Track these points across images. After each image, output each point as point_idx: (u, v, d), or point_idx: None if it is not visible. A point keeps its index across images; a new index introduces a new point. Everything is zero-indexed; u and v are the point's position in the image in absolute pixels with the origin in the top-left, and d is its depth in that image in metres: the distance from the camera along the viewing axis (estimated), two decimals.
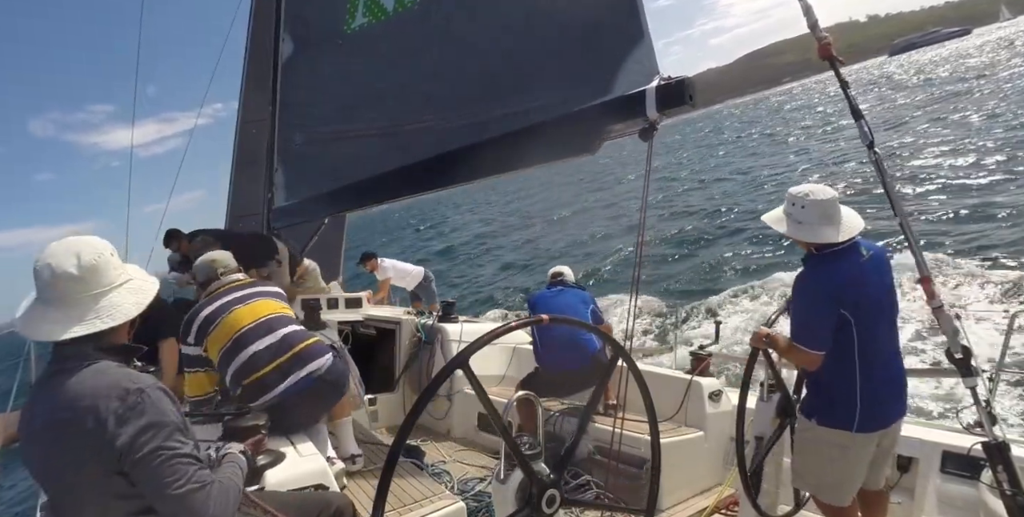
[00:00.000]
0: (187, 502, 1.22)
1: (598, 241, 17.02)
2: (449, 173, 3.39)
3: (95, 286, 1.37)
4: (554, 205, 23.56)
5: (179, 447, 1.26)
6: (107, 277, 1.39)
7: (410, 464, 3.13)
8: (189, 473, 1.24)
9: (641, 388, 1.90)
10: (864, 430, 2.20)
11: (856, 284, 2.19)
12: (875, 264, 2.26)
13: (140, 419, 1.23)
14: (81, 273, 1.34)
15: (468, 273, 17.91)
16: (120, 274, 1.43)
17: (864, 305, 2.18)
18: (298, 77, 4.87)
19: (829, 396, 2.29)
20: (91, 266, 1.36)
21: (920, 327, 7.71)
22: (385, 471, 1.37)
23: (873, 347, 2.20)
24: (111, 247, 1.44)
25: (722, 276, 12.02)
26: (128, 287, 1.42)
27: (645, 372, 2.01)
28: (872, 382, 2.19)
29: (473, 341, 1.52)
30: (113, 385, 1.26)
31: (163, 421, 1.26)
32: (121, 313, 1.37)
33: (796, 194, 2.28)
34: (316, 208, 4.69)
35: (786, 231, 2.30)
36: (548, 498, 1.65)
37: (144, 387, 1.28)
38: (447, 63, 3.47)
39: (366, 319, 5.02)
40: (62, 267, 1.34)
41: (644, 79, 2.42)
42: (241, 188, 7.00)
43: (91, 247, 1.39)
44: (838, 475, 2.29)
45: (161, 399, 1.29)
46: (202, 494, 1.24)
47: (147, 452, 1.21)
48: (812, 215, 2.23)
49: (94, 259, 1.37)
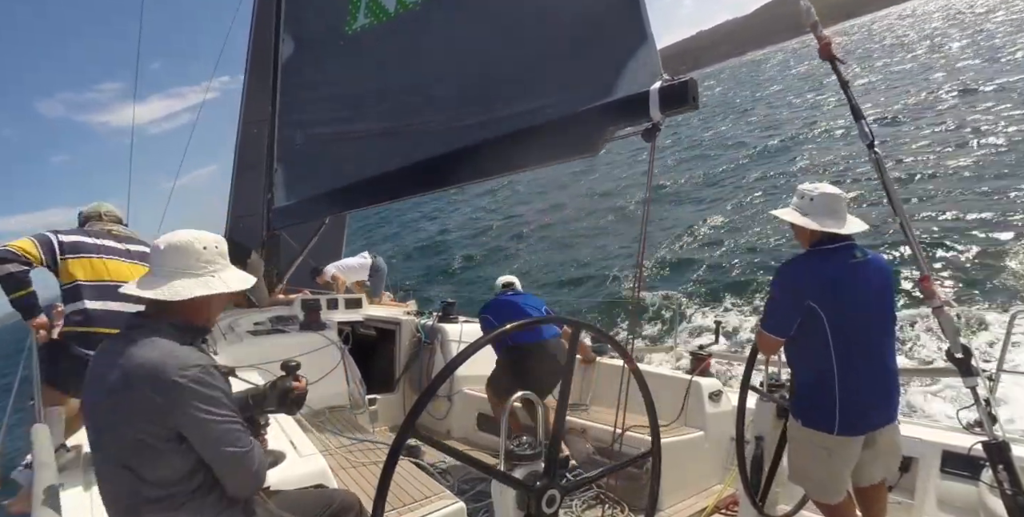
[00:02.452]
0: (242, 460, 1.45)
1: (596, 241, 17.01)
2: (450, 173, 3.39)
3: (173, 265, 1.55)
4: (554, 203, 23.51)
5: (229, 416, 1.45)
6: (185, 261, 1.56)
7: (410, 464, 3.14)
8: (240, 437, 1.45)
9: (641, 388, 1.90)
10: (846, 433, 2.20)
11: (838, 282, 2.20)
12: (869, 269, 2.26)
13: (197, 391, 1.39)
14: (165, 248, 1.56)
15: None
16: (202, 266, 1.58)
17: (844, 306, 2.18)
18: (299, 77, 4.87)
19: (810, 398, 2.30)
20: (175, 245, 1.56)
21: (920, 327, 7.74)
22: (385, 470, 1.37)
23: (855, 350, 2.19)
24: (215, 243, 1.62)
25: (722, 275, 12.02)
26: (200, 279, 1.56)
27: (645, 372, 2.01)
28: (852, 385, 2.18)
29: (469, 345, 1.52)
30: (174, 358, 1.41)
31: (216, 395, 1.43)
32: (171, 291, 1.51)
33: (806, 188, 2.35)
34: (316, 208, 4.70)
35: (791, 219, 2.33)
36: (548, 498, 1.65)
37: (203, 364, 1.44)
38: (449, 64, 3.47)
39: (366, 319, 5.03)
40: (159, 241, 1.59)
41: (647, 80, 2.43)
42: (242, 188, 7.01)
43: (191, 234, 1.60)
44: (824, 474, 2.30)
45: (215, 376, 1.45)
46: (250, 456, 1.47)
47: (202, 419, 1.39)
48: (819, 207, 2.28)
49: (181, 242, 1.57)
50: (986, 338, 7.20)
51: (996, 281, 8.78)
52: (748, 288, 10.77)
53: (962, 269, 9.41)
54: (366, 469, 2.93)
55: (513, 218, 22.78)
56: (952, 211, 11.91)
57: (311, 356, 3.97)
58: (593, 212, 19.63)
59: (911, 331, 7.81)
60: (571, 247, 16.84)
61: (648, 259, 13.37)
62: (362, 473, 2.89)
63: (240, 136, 7.09)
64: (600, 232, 17.49)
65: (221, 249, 1.64)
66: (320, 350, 4.05)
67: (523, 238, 19.44)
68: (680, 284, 12.14)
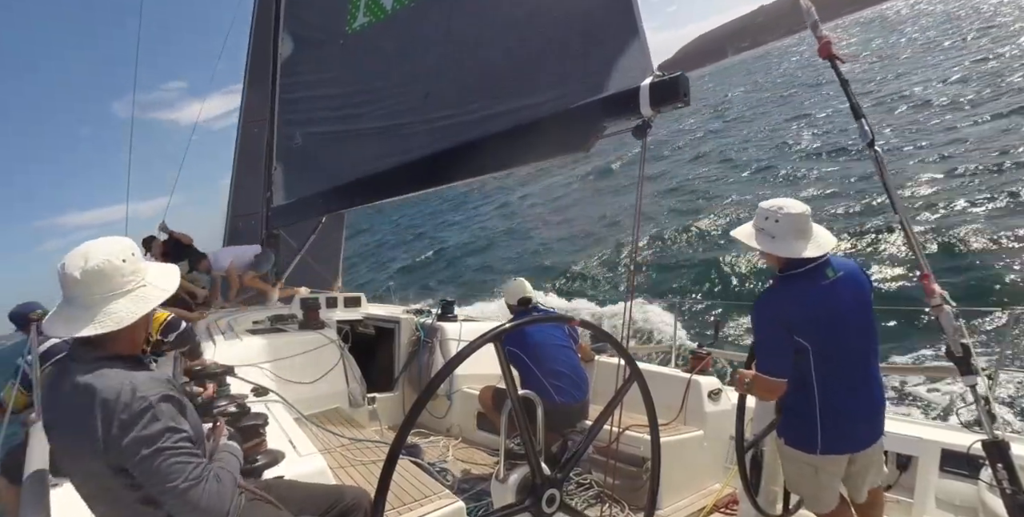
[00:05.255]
0: (185, 497, 1.31)
1: (594, 239, 17.00)
2: (445, 171, 3.40)
3: (99, 291, 1.38)
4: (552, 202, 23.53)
5: (177, 448, 1.32)
6: (112, 283, 1.39)
7: (410, 463, 3.13)
8: (187, 471, 1.32)
9: (641, 387, 1.90)
10: (830, 452, 2.17)
11: (814, 307, 2.11)
12: (845, 283, 2.17)
13: (142, 426, 1.29)
14: (83, 277, 1.37)
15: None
16: (129, 281, 1.42)
17: (823, 329, 2.10)
18: (298, 76, 4.87)
19: (793, 418, 2.27)
20: (94, 270, 1.37)
21: (921, 326, 7.75)
22: (385, 470, 1.37)
23: (838, 369, 2.13)
24: (130, 251, 1.44)
25: (722, 275, 12.02)
26: (134, 295, 1.42)
27: (644, 371, 2.01)
28: (836, 404, 2.14)
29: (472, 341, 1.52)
30: (117, 391, 1.31)
31: (165, 427, 1.31)
32: (112, 320, 1.37)
33: (769, 208, 2.20)
34: (315, 206, 4.70)
35: (759, 246, 2.21)
36: (548, 497, 1.65)
37: (147, 396, 1.32)
38: (444, 62, 3.48)
39: (365, 318, 5.03)
40: (69, 269, 1.37)
41: (638, 76, 2.41)
42: (242, 187, 7.02)
43: (102, 251, 1.40)
44: (814, 490, 2.28)
45: (163, 407, 1.33)
46: (197, 490, 1.32)
47: (148, 454, 1.29)
48: (785, 229, 2.16)
49: (99, 264, 1.38)
50: (986, 338, 7.20)
51: (996, 281, 8.80)
52: (749, 286, 10.82)
53: (962, 268, 9.42)
54: (366, 468, 2.93)
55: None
56: (952, 210, 11.91)
57: (311, 355, 3.97)
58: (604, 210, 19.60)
59: (911, 331, 7.83)
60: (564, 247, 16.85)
61: (645, 259, 13.37)
62: (362, 472, 2.89)
63: (240, 136, 7.11)
64: (601, 231, 17.49)
65: (135, 249, 1.47)
66: (319, 349, 4.04)
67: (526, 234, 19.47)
68: (679, 284, 12.15)
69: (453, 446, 4.15)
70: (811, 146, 21.28)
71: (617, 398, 1.88)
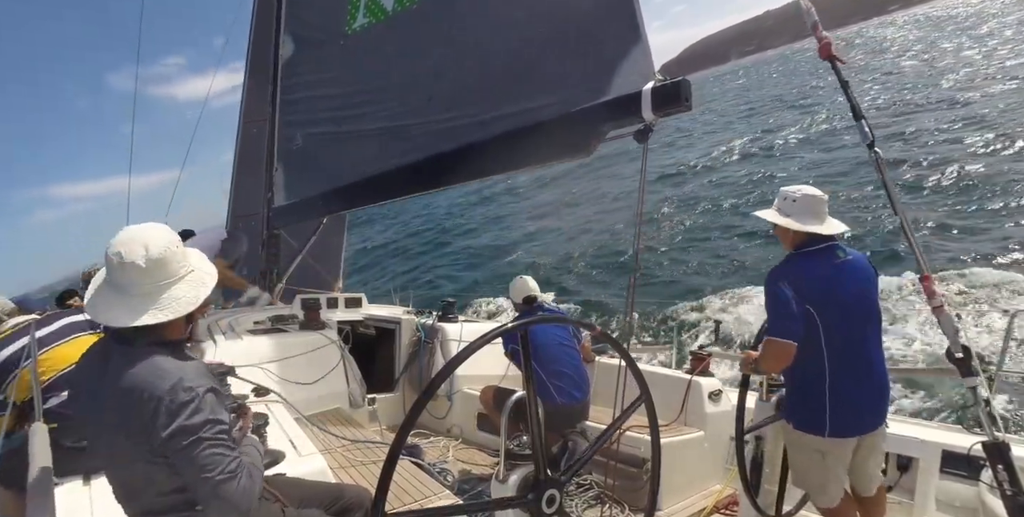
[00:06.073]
0: (219, 489, 1.33)
1: (593, 239, 16.99)
2: (445, 174, 3.40)
3: (160, 278, 1.40)
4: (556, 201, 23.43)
5: (217, 439, 1.34)
6: (171, 269, 1.42)
7: (410, 463, 3.14)
8: (224, 463, 1.34)
9: (641, 388, 1.90)
10: (837, 435, 2.20)
11: (826, 283, 2.20)
12: (853, 268, 2.27)
13: (187, 416, 1.31)
14: (148, 265, 1.38)
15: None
16: (183, 266, 1.45)
17: (834, 307, 2.18)
18: (299, 77, 4.88)
19: (802, 401, 2.30)
20: (159, 258, 1.39)
21: (920, 326, 7.74)
22: (385, 470, 1.37)
23: (845, 352, 2.19)
24: (177, 238, 1.47)
25: (722, 275, 12.02)
26: (189, 279, 1.45)
27: (645, 372, 2.01)
28: (843, 387, 2.18)
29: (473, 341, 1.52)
30: (168, 380, 1.33)
31: (208, 419, 1.33)
32: (181, 306, 1.41)
33: (788, 190, 2.37)
34: (316, 207, 4.70)
35: (774, 219, 2.35)
36: (549, 497, 1.65)
37: (195, 387, 1.34)
38: (445, 64, 3.48)
39: (366, 319, 5.03)
40: (131, 257, 1.37)
41: (640, 80, 2.42)
42: (242, 188, 7.02)
43: (160, 239, 1.42)
44: (820, 478, 2.30)
45: (209, 398, 1.36)
46: (232, 483, 1.34)
47: (188, 444, 1.31)
48: (801, 208, 2.30)
49: (161, 252, 1.39)
50: (986, 338, 7.20)
51: (996, 280, 8.79)
52: (748, 287, 10.80)
53: (963, 268, 9.41)
54: (366, 468, 2.93)
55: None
56: (952, 209, 11.91)
57: (311, 355, 3.97)
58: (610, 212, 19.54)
59: (910, 331, 7.82)
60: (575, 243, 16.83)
61: (645, 258, 13.37)
62: (362, 472, 2.89)
63: (240, 136, 7.11)
64: (604, 231, 17.48)
65: (177, 239, 1.49)
66: (320, 349, 4.04)
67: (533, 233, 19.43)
68: (679, 283, 12.15)
69: (453, 447, 4.15)
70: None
71: (623, 417, 1.90)
